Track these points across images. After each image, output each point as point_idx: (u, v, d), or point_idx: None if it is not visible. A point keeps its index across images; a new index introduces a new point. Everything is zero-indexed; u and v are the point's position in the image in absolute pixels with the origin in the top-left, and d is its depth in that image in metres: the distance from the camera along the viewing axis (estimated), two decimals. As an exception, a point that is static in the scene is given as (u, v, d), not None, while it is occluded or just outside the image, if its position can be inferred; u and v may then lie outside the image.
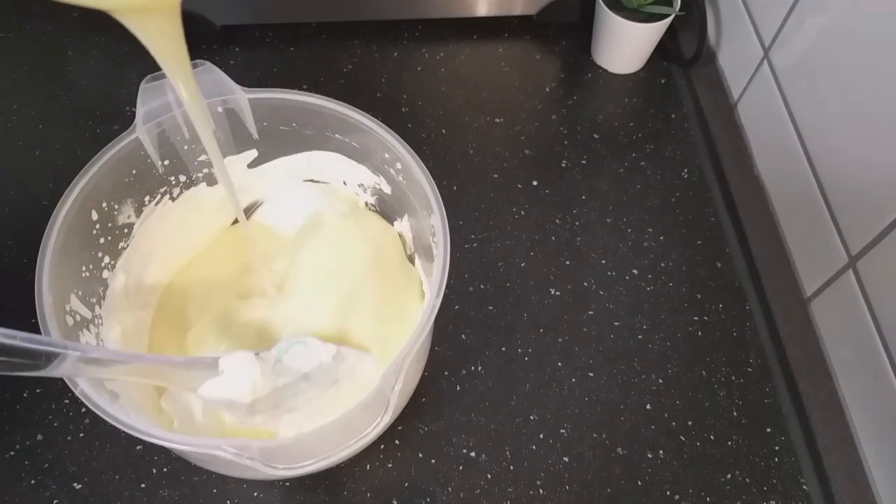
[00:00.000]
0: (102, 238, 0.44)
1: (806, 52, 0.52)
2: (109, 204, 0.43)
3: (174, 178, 0.48)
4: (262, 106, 0.45)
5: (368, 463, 0.49)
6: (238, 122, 0.46)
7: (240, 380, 0.40)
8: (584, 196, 0.61)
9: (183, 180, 0.48)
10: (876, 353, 0.46)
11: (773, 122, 0.57)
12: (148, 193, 0.47)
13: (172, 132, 0.44)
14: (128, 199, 0.45)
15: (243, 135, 0.47)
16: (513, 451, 0.49)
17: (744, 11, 0.60)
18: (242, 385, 0.41)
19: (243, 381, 0.41)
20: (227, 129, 0.46)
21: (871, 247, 0.46)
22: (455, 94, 0.67)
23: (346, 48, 0.69)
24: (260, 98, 0.44)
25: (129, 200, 0.45)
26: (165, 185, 0.48)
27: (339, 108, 0.44)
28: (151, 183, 0.46)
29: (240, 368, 0.41)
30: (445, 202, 0.41)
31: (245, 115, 0.45)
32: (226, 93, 0.44)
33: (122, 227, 0.46)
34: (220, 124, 0.45)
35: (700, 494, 0.48)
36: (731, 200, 0.61)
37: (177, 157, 0.46)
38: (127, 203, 0.45)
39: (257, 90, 0.44)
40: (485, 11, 0.69)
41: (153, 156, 0.44)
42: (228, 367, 0.40)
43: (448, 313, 0.55)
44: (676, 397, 0.52)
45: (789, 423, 0.51)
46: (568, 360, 0.53)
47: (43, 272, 0.37)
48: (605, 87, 0.68)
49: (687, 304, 0.56)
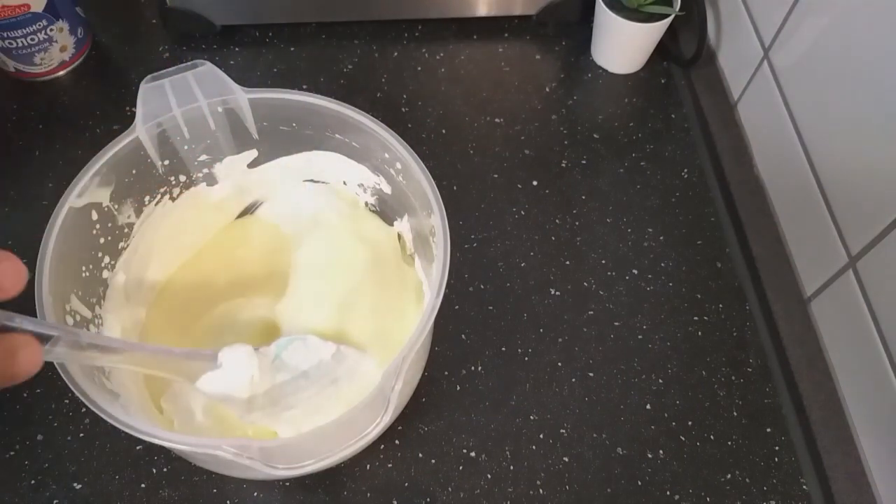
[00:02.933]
0: (102, 238, 0.44)
1: (806, 52, 0.52)
2: (110, 204, 0.43)
3: (174, 178, 0.48)
4: (262, 106, 0.45)
5: (368, 463, 0.49)
6: (238, 122, 0.46)
7: (238, 373, 0.41)
8: (584, 196, 0.61)
9: (183, 180, 0.48)
10: (876, 352, 0.46)
11: (773, 122, 0.57)
12: (148, 193, 0.47)
13: (172, 132, 0.44)
14: (128, 199, 0.45)
15: (243, 135, 0.47)
16: (513, 451, 0.49)
17: (744, 11, 0.60)
18: (240, 379, 0.41)
19: (241, 375, 0.41)
20: (227, 129, 0.46)
21: (871, 247, 0.46)
22: (455, 94, 0.67)
23: (347, 48, 0.69)
24: (260, 98, 0.44)
25: (129, 200, 0.45)
26: (165, 185, 0.48)
27: (339, 108, 0.44)
28: (151, 183, 0.46)
29: (238, 362, 0.41)
30: (445, 202, 0.41)
31: (245, 115, 0.45)
32: (226, 93, 0.44)
33: (123, 227, 0.46)
34: (220, 124, 0.45)
35: (700, 494, 0.48)
36: (731, 200, 0.61)
37: (177, 157, 0.46)
38: (127, 203, 0.45)
39: (257, 90, 0.44)
40: (485, 11, 0.69)
41: (153, 156, 0.44)
42: (227, 360, 0.40)
43: (448, 313, 0.55)
44: (676, 397, 0.52)
45: (789, 423, 0.51)
46: (568, 360, 0.53)
47: (43, 273, 0.37)
48: (605, 87, 0.68)
49: (687, 304, 0.56)
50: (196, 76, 0.43)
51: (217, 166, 0.49)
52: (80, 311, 0.41)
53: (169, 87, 0.42)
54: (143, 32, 0.69)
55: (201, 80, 0.43)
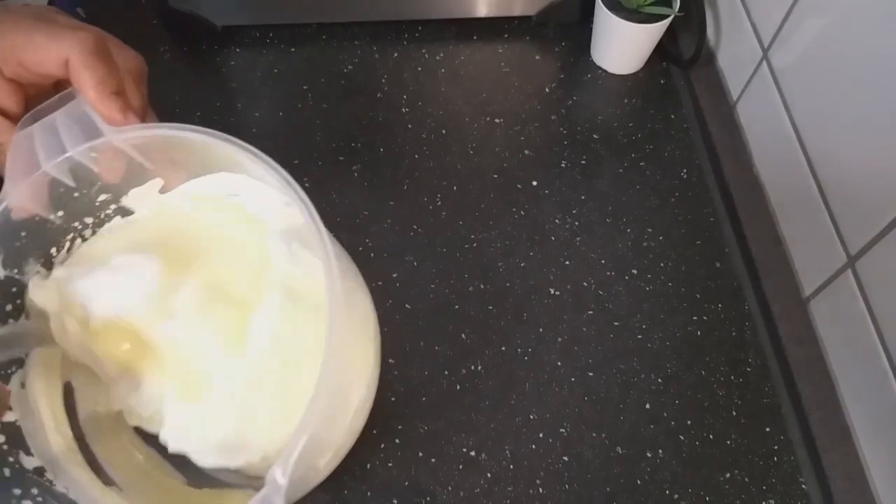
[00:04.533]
0: (9, 305, 0.41)
1: (805, 53, 0.52)
2: (4, 271, 0.40)
3: (78, 223, 0.44)
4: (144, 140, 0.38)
5: (369, 462, 0.49)
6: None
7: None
8: (584, 196, 0.61)
9: (90, 222, 0.44)
10: (875, 352, 0.46)
11: (772, 122, 0.57)
12: (53, 245, 0.43)
13: (53, 185, 0.39)
14: (29, 258, 0.41)
15: (137, 168, 0.41)
16: (513, 451, 0.50)
17: (743, 12, 0.60)
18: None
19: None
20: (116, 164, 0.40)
21: (870, 247, 0.46)
22: (455, 95, 0.67)
23: (347, 49, 0.69)
24: (135, 136, 0.38)
25: (30, 259, 0.41)
26: (72, 232, 0.44)
27: (209, 139, 0.37)
28: (53, 235, 0.42)
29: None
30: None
31: (129, 153, 0.39)
32: (95, 136, 0.37)
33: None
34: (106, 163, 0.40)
35: (699, 493, 0.48)
36: (730, 200, 0.61)
37: (70, 202, 0.41)
38: (30, 262, 0.41)
39: (129, 129, 0.37)
40: (485, 12, 0.69)
41: (41, 212, 0.40)
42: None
43: (448, 313, 0.55)
44: (676, 397, 0.52)
45: (788, 423, 0.51)
46: (567, 359, 0.53)
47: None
48: (605, 87, 0.68)
49: (686, 303, 0.56)
50: (64, 116, 0.37)
51: (124, 200, 0.45)
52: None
53: (37, 137, 0.37)
54: (143, 33, 0.69)
55: (60, 126, 0.37)
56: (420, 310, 0.55)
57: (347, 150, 0.63)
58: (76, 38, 0.35)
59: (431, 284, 0.56)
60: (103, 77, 0.35)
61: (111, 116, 0.36)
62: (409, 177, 0.61)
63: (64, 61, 0.35)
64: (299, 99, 0.66)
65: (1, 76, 0.36)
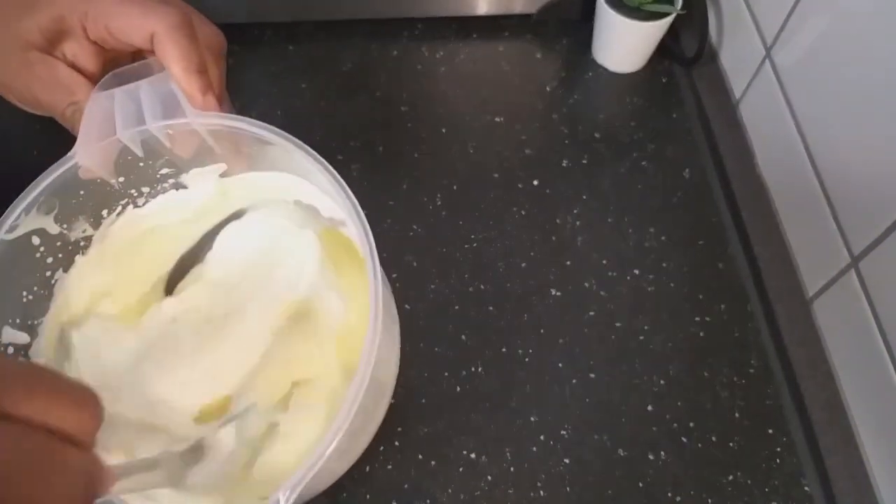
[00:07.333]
0: (51, 257, 0.41)
1: (808, 52, 0.52)
2: (56, 226, 0.40)
3: (135, 190, 0.45)
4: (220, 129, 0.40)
5: (368, 465, 0.48)
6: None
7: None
8: (585, 196, 0.61)
9: (147, 191, 0.45)
10: (878, 353, 0.46)
11: (776, 121, 0.56)
12: (105, 207, 0.43)
13: (123, 152, 0.40)
14: (80, 216, 0.42)
15: (205, 150, 0.42)
16: (513, 453, 0.49)
17: (745, 10, 0.60)
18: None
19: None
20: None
21: (874, 247, 0.46)
22: (455, 94, 0.66)
23: (346, 47, 0.69)
24: (213, 124, 0.39)
25: (81, 217, 0.42)
26: (127, 198, 0.44)
27: (287, 143, 0.39)
28: (108, 198, 0.43)
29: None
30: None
31: (203, 135, 0.40)
32: (177, 115, 0.38)
33: (78, 242, 0.43)
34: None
35: (702, 496, 0.48)
36: (733, 200, 0.61)
37: (133, 173, 0.43)
38: (80, 220, 0.42)
39: (211, 115, 0.38)
40: (485, 10, 0.69)
41: (105, 176, 0.41)
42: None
43: (448, 313, 0.54)
44: (678, 398, 0.51)
45: (791, 425, 0.51)
46: (569, 361, 0.53)
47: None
48: (606, 86, 0.68)
49: (688, 304, 0.55)
50: (148, 87, 0.38)
51: (183, 177, 0.46)
52: (15, 339, 0.39)
53: (117, 101, 0.37)
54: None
55: (152, 95, 0.38)
56: (420, 310, 0.55)
57: (346, 149, 0.62)
58: (165, 12, 0.36)
59: (431, 285, 0.56)
60: (188, 53, 0.37)
61: (193, 94, 0.37)
62: (408, 176, 0.61)
63: (150, 34, 0.36)
64: (297, 97, 0.66)
65: (86, 38, 0.38)
